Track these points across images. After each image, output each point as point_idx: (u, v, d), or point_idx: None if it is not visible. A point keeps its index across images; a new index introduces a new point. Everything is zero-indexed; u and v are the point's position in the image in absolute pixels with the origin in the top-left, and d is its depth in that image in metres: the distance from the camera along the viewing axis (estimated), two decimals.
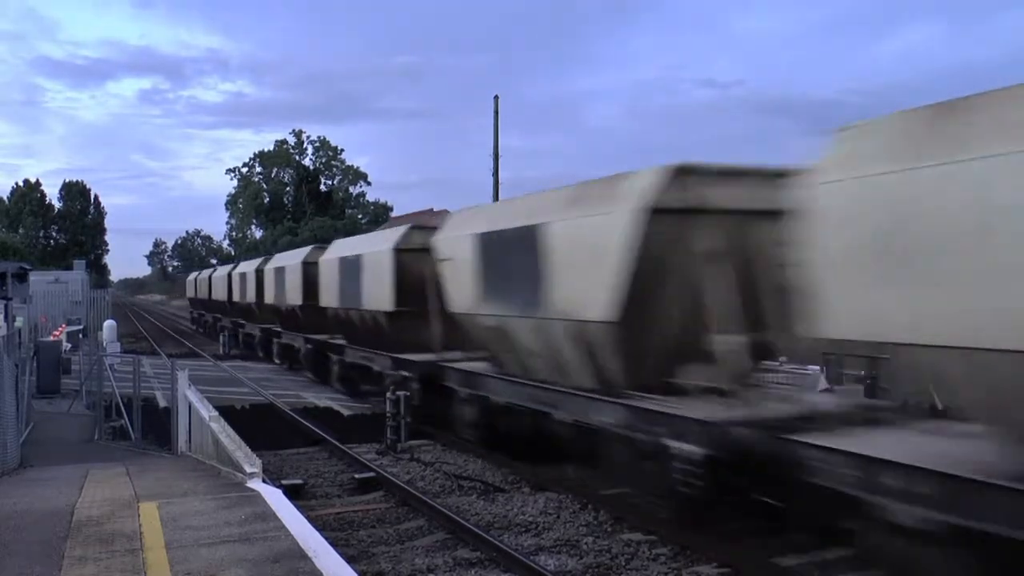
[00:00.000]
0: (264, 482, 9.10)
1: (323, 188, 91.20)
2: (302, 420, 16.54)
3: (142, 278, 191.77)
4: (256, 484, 8.83)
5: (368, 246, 18.87)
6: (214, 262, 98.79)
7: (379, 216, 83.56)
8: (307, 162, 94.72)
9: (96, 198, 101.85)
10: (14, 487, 9.52)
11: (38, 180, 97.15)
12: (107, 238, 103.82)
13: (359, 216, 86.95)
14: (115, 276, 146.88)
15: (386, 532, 9.55)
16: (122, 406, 15.00)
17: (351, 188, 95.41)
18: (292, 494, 9.57)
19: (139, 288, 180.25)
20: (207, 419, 10.80)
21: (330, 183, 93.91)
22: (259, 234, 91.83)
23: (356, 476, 11.90)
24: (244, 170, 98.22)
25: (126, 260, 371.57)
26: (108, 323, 33.88)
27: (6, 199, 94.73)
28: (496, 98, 37.40)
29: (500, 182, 37.15)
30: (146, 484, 9.35)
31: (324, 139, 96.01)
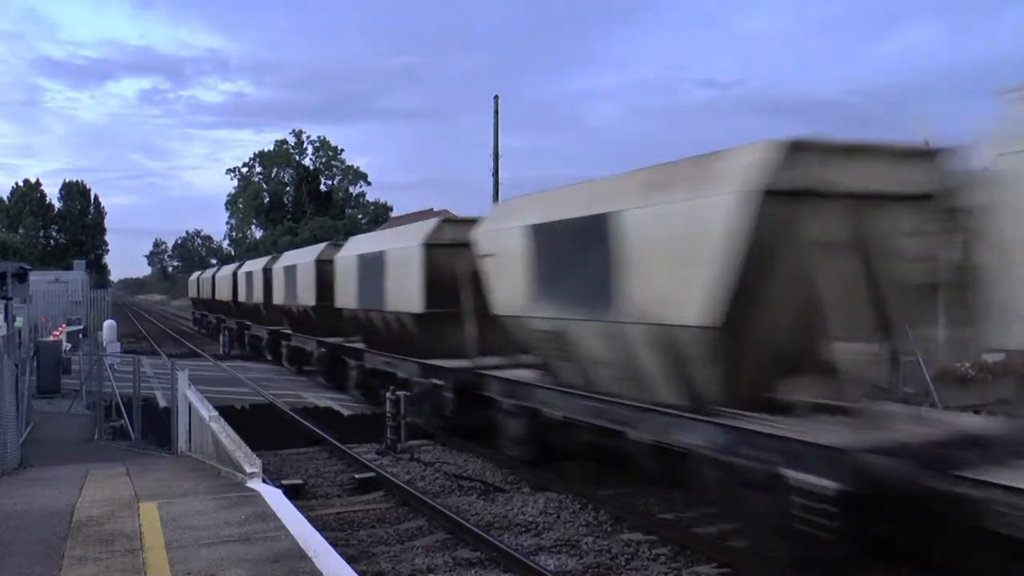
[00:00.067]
0: (264, 482, 9.10)
1: (323, 188, 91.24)
2: (302, 420, 16.54)
3: (142, 278, 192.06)
4: (256, 484, 8.83)
5: (392, 242, 17.36)
6: (214, 262, 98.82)
7: (379, 216, 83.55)
8: (307, 162, 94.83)
9: (96, 198, 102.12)
10: (14, 487, 9.52)
11: (38, 180, 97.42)
12: (107, 238, 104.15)
13: (359, 216, 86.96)
14: (115, 276, 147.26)
15: (386, 532, 9.55)
16: (122, 406, 15.01)
17: (351, 188, 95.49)
18: (292, 494, 9.57)
19: (139, 288, 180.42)
20: (207, 419, 10.80)
21: (330, 183, 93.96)
22: (259, 234, 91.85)
23: (356, 476, 11.90)
24: (244, 170, 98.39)
25: (126, 260, 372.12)
26: (108, 323, 33.89)
27: (6, 199, 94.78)
28: (496, 98, 37.41)
29: (500, 182, 37.14)
30: (146, 484, 9.35)
31: (324, 139, 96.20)
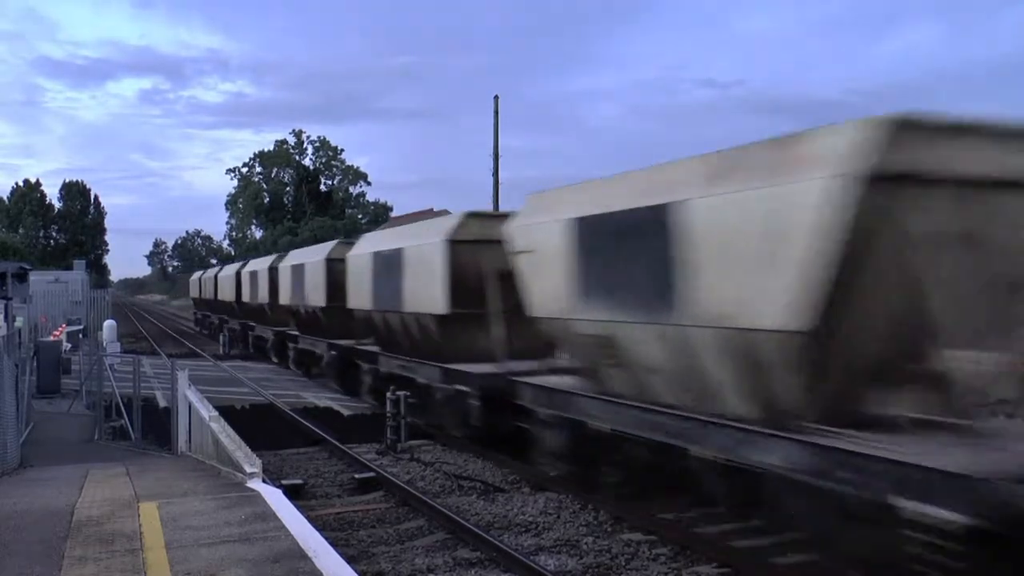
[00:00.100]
0: (264, 482, 9.09)
1: (323, 188, 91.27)
2: (302, 420, 16.54)
3: (142, 278, 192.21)
4: (256, 484, 8.83)
5: (411, 238, 16.29)
6: (214, 262, 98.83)
7: (379, 216, 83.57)
8: (307, 162, 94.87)
9: (96, 198, 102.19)
10: (14, 487, 9.52)
11: (38, 180, 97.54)
12: (107, 238, 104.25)
13: (359, 216, 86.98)
14: (115, 276, 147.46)
15: (386, 532, 9.55)
16: (122, 406, 15.01)
17: (351, 188, 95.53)
18: (292, 494, 9.57)
19: (139, 288, 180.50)
20: (207, 419, 10.79)
21: (330, 183, 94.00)
22: (259, 234, 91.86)
23: (356, 476, 11.90)
24: (244, 170, 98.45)
25: (126, 260, 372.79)
26: (108, 323, 33.90)
27: (6, 199, 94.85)
28: (496, 98, 37.46)
29: (500, 182, 37.22)
30: (146, 484, 9.35)
31: (324, 139, 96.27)
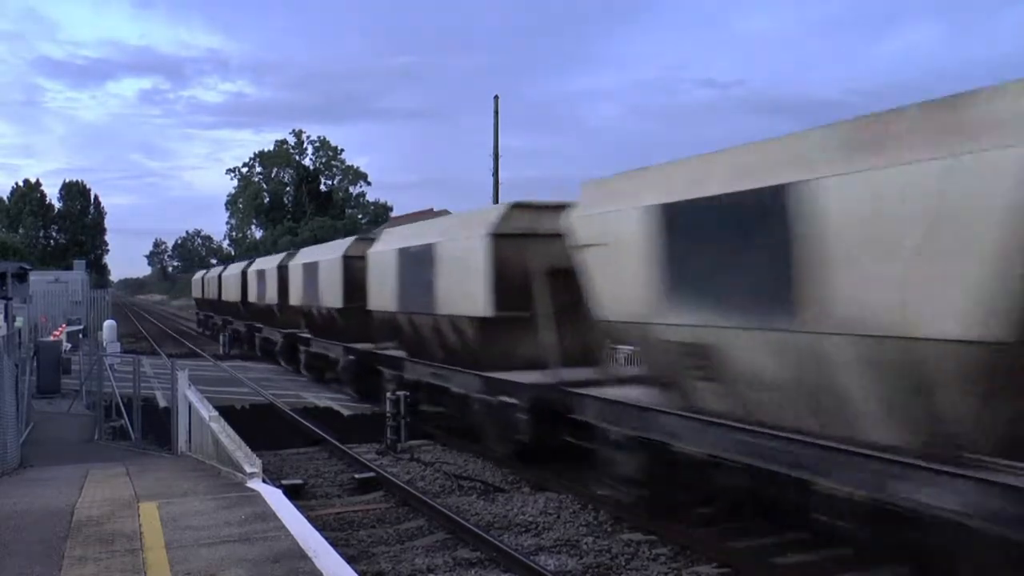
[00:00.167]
0: (264, 482, 9.09)
1: (323, 188, 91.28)
2: (302, 420, 16.54)
3: (142, 278, 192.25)
4: (256, 484, 8.83)
5: (445, 233, 14.81)
6: (214, 262, 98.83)
7: (379, 216, 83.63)
8: (307, 162, 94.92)
9: (96, 198, 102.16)
10: (14, 487, 9.52)
11: (38, 180, 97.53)
12: (107, 238, 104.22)
13: (359, 216, 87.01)
14: (115, 276, 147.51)
15: (386, 532, 9.55)
16: (122, 406, 15.02)
17: (351, 188, 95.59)
18: (292, 494, 9.57)
19: (139, 288, 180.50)
20: (207, 419, 10.80)
21: (330, 183, 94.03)
22: (259, 234, 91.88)
23: (356, 476, 11.90)
24: (244, 170, 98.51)
25: (126, 260, 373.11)
26: (108, 323, 33.90)
27: (6, 199, 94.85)
28: (496, 98, 37.46)
29: (500, 182, 37.21)
30: (146, 484, 9.35)
31: (324, 139, 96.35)
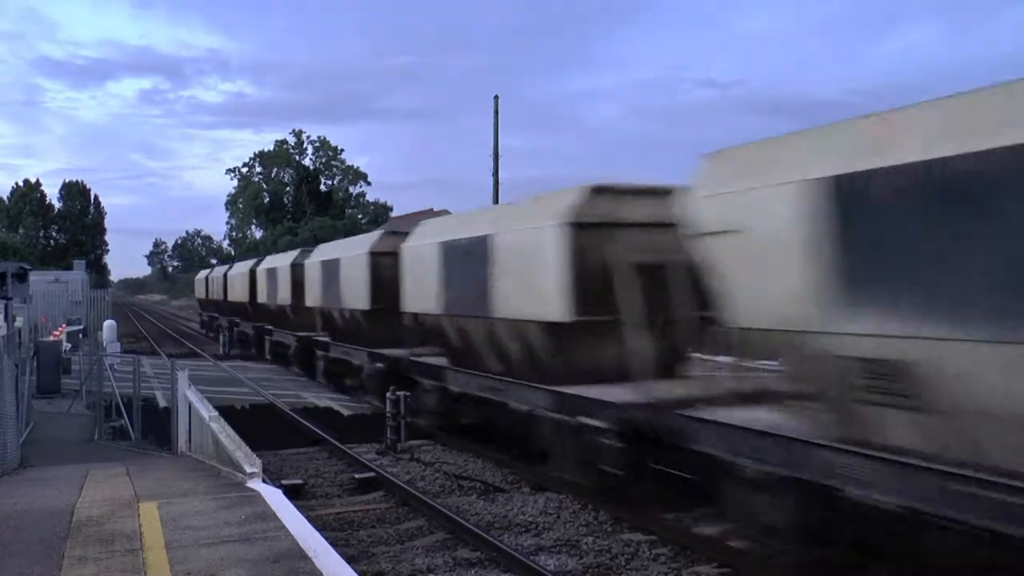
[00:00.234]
0: (264, 482, 9.09)
1: (323, 188, 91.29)
2: (302, 420, 16.54)
3: (142, 278, 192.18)
4: (256, 484, 8.83)
5: (500, 223, 12.50)
6: (214, 262, 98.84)
7: (379, 216, 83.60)
8: (307, 162, 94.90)
9: (96, 198, 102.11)
10: (14, 487, 9.52)
11: (38, 180, 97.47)
12: (107, 238, 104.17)
13: (359, 216, 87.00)
14: (115, 276, 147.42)
15: (386, 532, 9.55)
16: (122, 406, 15.02)
17: (351, 188, 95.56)
18: (292, 494, 9.57)
19: (139, 288, 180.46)
20: (207, 419, 10.80)
21: (330, 183, 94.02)
22: (259, 234, 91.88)
23: (356, 476, 11.90)
24: (244, 170, 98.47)
25: (126, 260, 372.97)
26: (108, 323, 33.90)
27: (6, 199, 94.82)
28: (496, 98, 37.43)
29: (500, 182, 37.19)
30: (146, 484, 9.34)
31: (324, 139, 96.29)
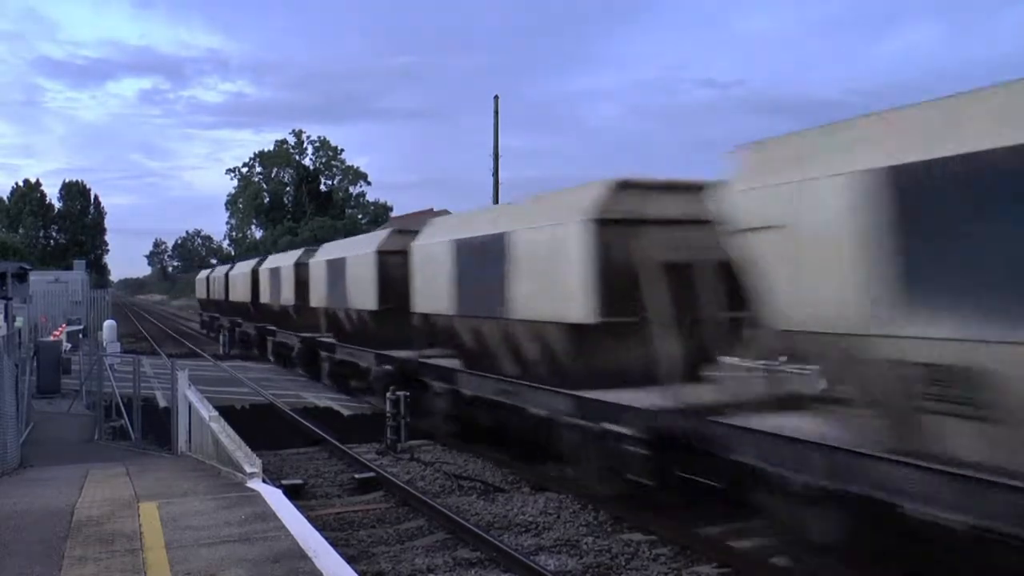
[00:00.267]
0: (264, 482, 9.09)
1: (323, 188, 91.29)
2: (302, 420, 16.54)
3: (142, 278, 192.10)
4: (256, 484, 8.83)
5: (517, 219, 10.83)
6: (214, 262, 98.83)
7: (379, 216, 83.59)
8: (307, 162, 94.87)
9: (96, 198, 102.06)
10: (14, 487, 9.52)
11: (38, 180, 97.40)
12: (107, 238, 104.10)
13: (359, 216, 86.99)
14: (115, 276, 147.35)
15: (386, 532, 9.55)
16: (122, 406, 15.02)
17: (351, 188, 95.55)
18: (292, 494, 9.57)
19: (139, 288, 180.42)
20: (207, 419, 10.80)
21: (330, 183, 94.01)
22: (259, 234, 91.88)
23: (356, 476, 11.90)
24: (244, 170, 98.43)
25: (126, 260, 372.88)
26: (108, 323, 33.89)
27: (6, 199, 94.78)
28: (496, 98, 37.40)
29: (500, 182, 37.15)
30: (146, 484, 9.34)
31: (324, 139, 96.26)
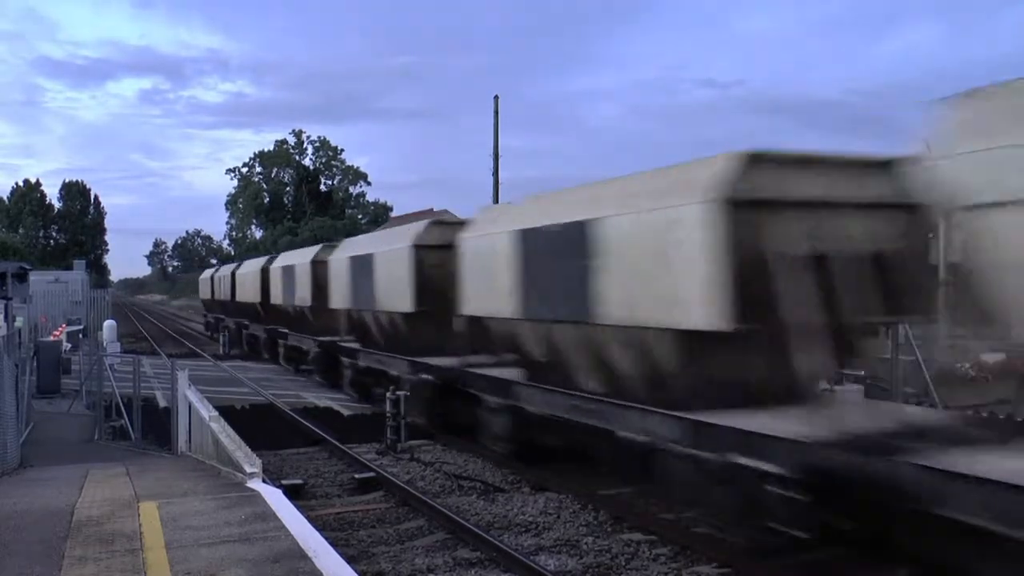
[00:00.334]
0: (264, 482, 9.10)
1: (323, 188, 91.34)
2: (302, 420, 16.54)
3: (142, 278, 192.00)
4: (256, 484, 8.83)
5: (603, 204, 9.87)
6: (214, 262, 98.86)
7: (379, 216, 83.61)
8: (307, 162, 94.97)
9: (96, 198, 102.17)
10: (14, 487, 9.52)
11: (38, 180, 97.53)
12: (107, 238, 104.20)
13: (359, 216, 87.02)
14: (115, 276, 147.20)
15: (386, 532, 9.55)
16: (122, 406, 15.03)
17: (351, 188, 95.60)
18: (292, 494, 9.57)
19: (139, 288, 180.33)
20: (207, 419, 10.80)
21: (330, 183, 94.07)
22: (259, 234, 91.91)
23: (356, 476, 11.90)
24: (244, 170, 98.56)
25: (126, 260, 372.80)
26: (108, 323, 33.90)
27: (6, 199, 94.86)
28: (496, 98, 37.39)
29: (500, 182, 37.14)
30: (146, 484, 9.35)
31: (324, 139, 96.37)
